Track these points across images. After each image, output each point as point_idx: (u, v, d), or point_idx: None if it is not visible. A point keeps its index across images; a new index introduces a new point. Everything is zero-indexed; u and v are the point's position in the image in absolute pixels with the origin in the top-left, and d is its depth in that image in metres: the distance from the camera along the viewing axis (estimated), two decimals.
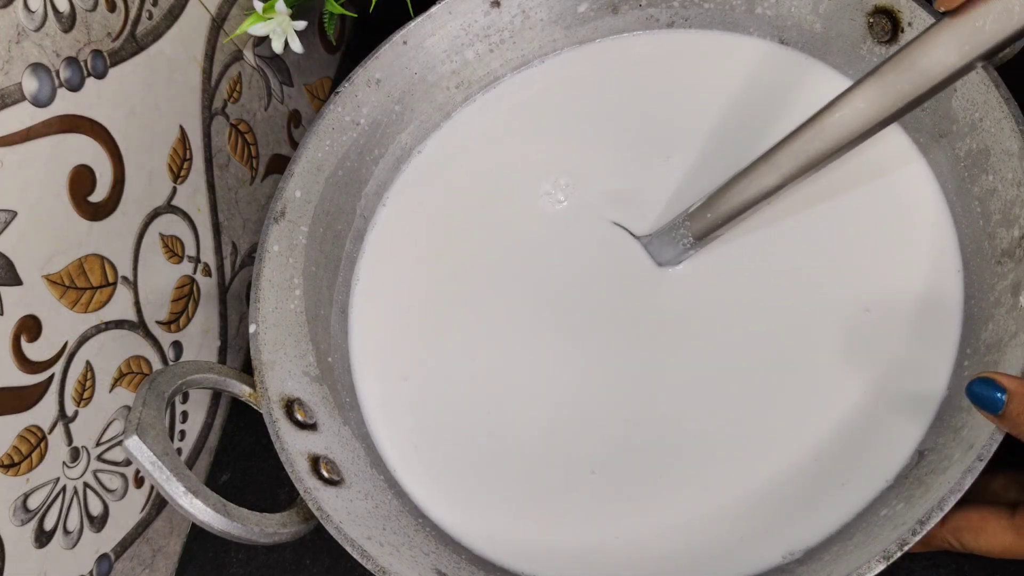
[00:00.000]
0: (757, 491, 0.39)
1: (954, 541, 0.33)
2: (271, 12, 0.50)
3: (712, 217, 0.41)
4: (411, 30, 0.51)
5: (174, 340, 0.50)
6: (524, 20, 0.53)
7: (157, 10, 0.48)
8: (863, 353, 0.41)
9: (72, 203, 0.43)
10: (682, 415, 0.42)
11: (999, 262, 0.38)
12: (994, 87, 0.38)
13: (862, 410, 0.39)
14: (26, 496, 0.41)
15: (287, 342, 0.45)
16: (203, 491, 0.37)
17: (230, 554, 0.51)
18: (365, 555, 0.37)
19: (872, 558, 0.32)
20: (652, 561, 0.39)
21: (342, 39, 0.68)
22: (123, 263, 0.46)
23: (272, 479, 0.52)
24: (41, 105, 0.40)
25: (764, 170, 0.38)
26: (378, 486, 0.43)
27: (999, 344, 0.36)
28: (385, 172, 0.53)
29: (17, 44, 0.39)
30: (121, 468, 0.47)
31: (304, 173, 0.48)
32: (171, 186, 0.49)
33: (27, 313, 0.40)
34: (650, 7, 0.52)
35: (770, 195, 0.39)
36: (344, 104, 0.50)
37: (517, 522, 0.42)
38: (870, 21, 0.44)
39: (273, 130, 0.59)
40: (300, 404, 0.43)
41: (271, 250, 0.46)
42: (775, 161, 0.38)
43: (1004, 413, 0.31)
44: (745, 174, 0.40)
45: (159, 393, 0.38)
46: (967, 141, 0.41)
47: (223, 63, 0.54)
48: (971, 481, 0.31)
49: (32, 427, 0.41)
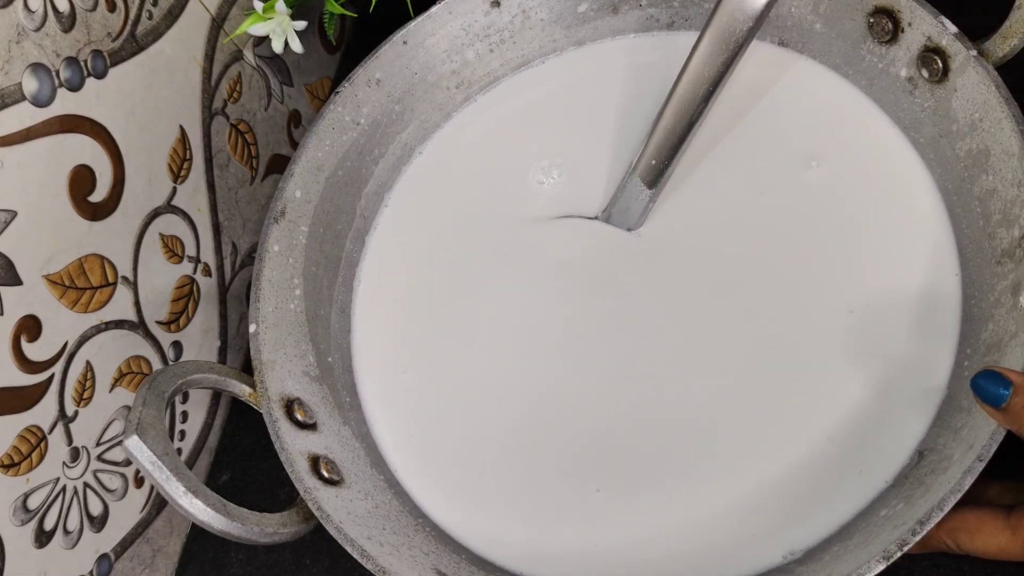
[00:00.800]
0: (757, 491, 0.39)
1: (950, 542, 0.33)
2: (271, 12, 0.50)
3: (656, 161, 0.44)
4: (411, 30, 0.51)
5: (174, 340, 0.50)
6: (524, 20, 0.53)
7: (157, 10, 0.48)
8: (862, 353, 0.41)
9: (72, 203, 0.43)
10: (682, 416, 0.42)
11: (999, 262, 0.38)
12: (994, 87, 0.38)
13: (862, 410, 0.39)
14: (26, 496, 0.41)
15: (287, 342, 0.45)
16: (203, 491, 0.36)
17: (230, 554, 0.51)
18: (365, 555, 0.37)
19: (872, 558, 0.32)
20: (652, 561, 0.39)
21: (342, 39, 0.68)
22: (123, 263, 0.46)
23: (272, 479, 0.52)
24: (41, 105, 0.40)
25: (684, 89, 0.42)
26: (378, 486, 0.43)
27: (999, 344, 0.36)
28: (385, 172, 0.53)
29: (17, 44, 0.39)
30: (121, 468, 0.47)
31: (304, 173, 0.48)
32: (171, 186, 0.49)
33: (27, 313, 0.40)
34: (650, 7, 0.52)
35: (699, 111, 0.42)
36: (344, 104, 0.50)
37: (517, 522, 0.42)
38: (870, 21, 0.44)
39: (273, 130, 0.59)
40: (300, 404, 0.43)
41: (271, 250, 0.46)
42: (689, 78, 0.42)
43: (1007, 407, 0.31)
44: (668, 104, 0.43)
45: (159, 393, 0.38)
46: (967, 141, 0.40)
47: (223, 63, 0.54)
48: (971, 481, 0.31)
49: (32, 427, 0.41)
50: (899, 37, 0.43)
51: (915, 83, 0.43)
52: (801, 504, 0.38)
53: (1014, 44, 0.39)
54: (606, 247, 0.47)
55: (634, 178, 0.45)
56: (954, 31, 0.40)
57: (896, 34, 0.43)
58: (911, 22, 0.42)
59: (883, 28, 0.43)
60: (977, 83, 0.39)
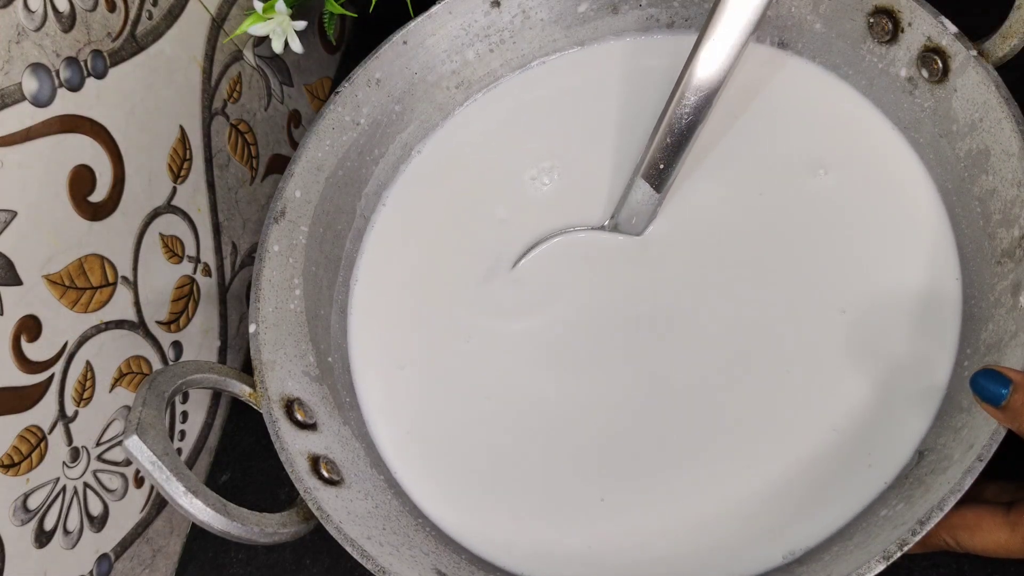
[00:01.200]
0: (758, 491, 0.39)
1: (950, 540, 0.33)
2: (271, 12, 0.50)
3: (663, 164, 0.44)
4: (411, 30, 0.51)
5: (174, 340, 0.50)
6: (524, 20, 0.53)
7: (157, 10, 0.48)
8: (862, 353, 0.41)
9: (72, 203, 0.43)
10: (682, 417, 0.42)
11: (999, 262, 0.38)
12: (994, 87, 0.38)
13: (861, 410, 0.39)
14: (26, 496, 0.41)
15: (287, 342, 0.45)
16: (203, 491, 0.37)
17: (230, 554, 0.51)
18: (365, 555, 0.37)
19: (872, 558, 0.32)
20: (652, 562, 0.39)
21: (342, 39, 0.68)
22: (123, 263, 0.46)
23: (272, 479, 0.52)
24: (41, 105, 0.40)
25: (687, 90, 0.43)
26: (378, 486, 0.43)
27: (999, 344, 0.36)
28: (385, 172, 0.53)
29: (17, 44, 0.39)
30: (121, 468, 0.47)
31: (304, 173, 0.48)
32: (171, 186, 0.49)
33: (27, 313, 0.40)
34: (650, 7, 0.52)
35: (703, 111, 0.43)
36: (344, 104, 0.50)
37: (516, 522, 0.42)
38: (870, 21, 0.44)
39: (273, 130, 0.59)
40: (300, 404, 0.43)
41: (271, 250, 0.46)
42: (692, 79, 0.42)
43: (1006, 405, 0.31)
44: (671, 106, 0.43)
45: (159, 393, 0.38)
46: (967, 141, 0.40)
47: (223, 63, 0.54)
48: (971, 481, 0.31)
49: (32, 427, 0.41)
50: (899, 37, 0.43)
51: (915, 83, 0.43)
52: (801, 504, 0.38)
53: (1014, 44, 0.39)
54: (609, 250, 0.47)
55: (640, 182, 0.45)
56: (954, 31, 0.40)
57: (896, 34, 0.43)
58: (911, 22, 0.42)
59: (883, 28, 0.43)
60: (977, 83, 0.39)
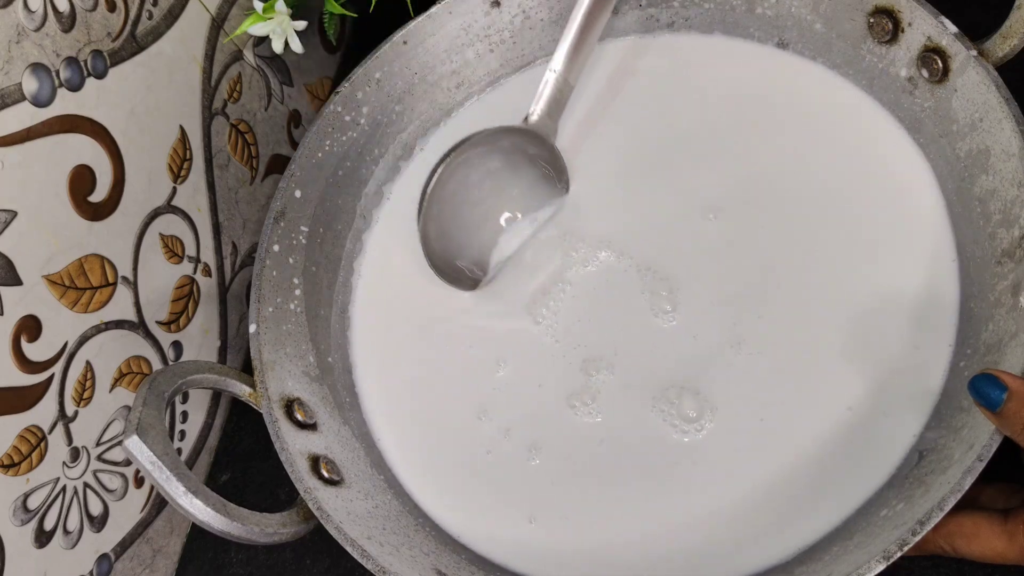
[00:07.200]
0: (758, 491, 0.39)
1: (947, 546, 0.33)
2: (271, 12, 0.50)
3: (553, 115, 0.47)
4: (411, 30, 0.51)
5: (174, 340, 0.50)
6: (524, 20, 0.53)
7: (157, 10, 0.48)
8: (862, 353, 0.40)
9: (72, 203, 0.43)
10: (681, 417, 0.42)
11: (999, 262, 0.38)
12: (994, 87, 0.38)
13: (861, 410, 0.39)
14: (26, 496, 0.41)
15: (287, 342, 0.45)
16: (203, 491, 0.37)
17: (230, 554, 0.51)
18: (365, 555, 0.37)
19: (872, 558, 0.32)
20: (652, 561, 0.39)
21: (342, 39, 0.68)
22: (123, 263, 0.46)
23: (272, 479, 0.52)
24: (41, 105, 0.40)
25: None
26: (378, 486, 0.43)
27: (999, 344, 0.36)
28: (385, 172, 0.53)
29: (17, 44, 0.39)
30: (121, 468, 0.47)
31: (304, 173, 0.48)
32: (171, 186, 0.49)
33: (27, 313, 0.40)
34: (650, 7, 0.52)
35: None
36: (344, 104, 0.50)
37: (517, 522, 0.42)
38: (870, 21, 0.44)
39: (273, 130, 0.59)
40: (300, 404, 0.43)
41: (271, 250, 0.46)
42: None
43: (1002, 411, 0.31)
44: None
45: (159, 393, 0.38)
46: (967, 141, 0.40)
47: (223, 63, 0.54)
48: (971, 481, 0.31)
49: (32, 427, 0.41)
50: (899, 37, 0.43)
51: (915, 83, 0.43)
52: (801, 504, 0.38)
53: (1014, 44, 0.39)
54: (609, 250, 0.47)
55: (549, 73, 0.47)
56: (954, 31, 0.40)
57: (896, 34, 0.43)
58: (911, 22, 0.42)
59: (883, 28, 0.43)
60: (977, 83, 0.39)
